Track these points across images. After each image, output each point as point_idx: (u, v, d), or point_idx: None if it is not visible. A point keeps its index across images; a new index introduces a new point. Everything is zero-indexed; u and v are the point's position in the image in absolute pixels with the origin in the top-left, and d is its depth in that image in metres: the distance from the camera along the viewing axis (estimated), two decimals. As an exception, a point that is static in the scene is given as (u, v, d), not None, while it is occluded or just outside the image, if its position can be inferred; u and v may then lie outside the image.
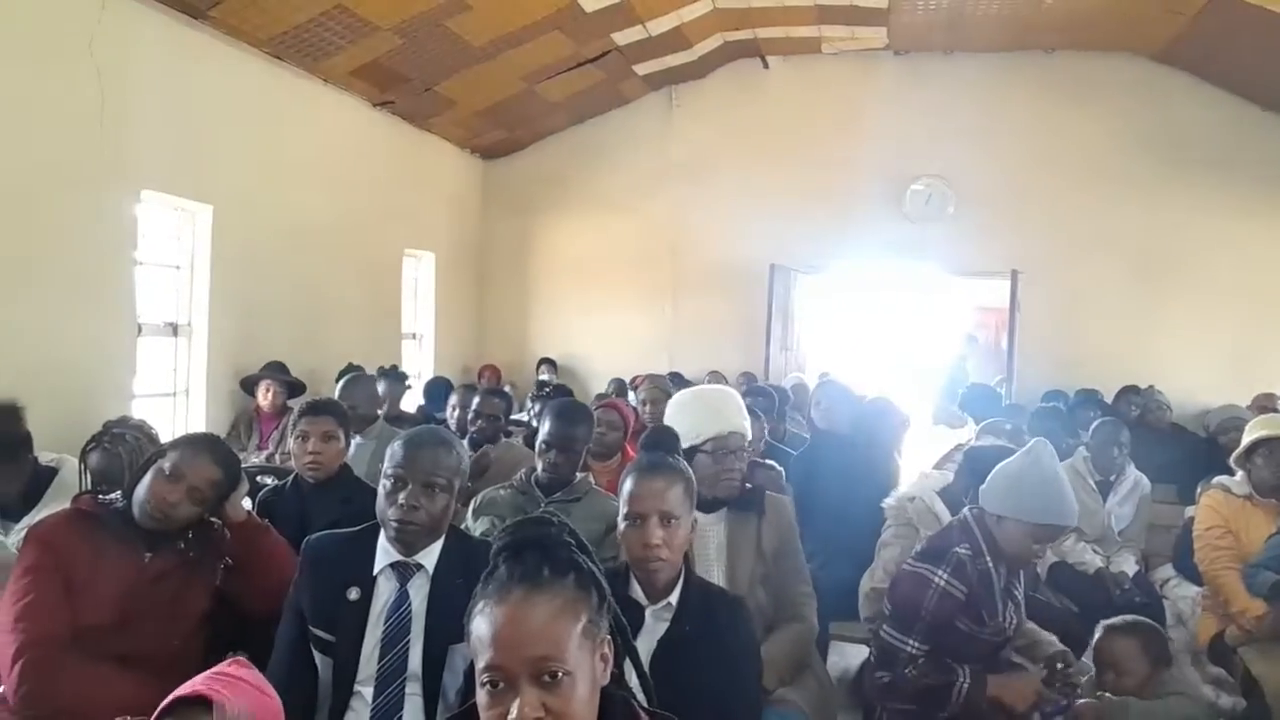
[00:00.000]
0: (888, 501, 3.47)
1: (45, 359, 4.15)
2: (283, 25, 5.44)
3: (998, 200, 7.96)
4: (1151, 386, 6.47)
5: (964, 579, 2.45)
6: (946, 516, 3.13)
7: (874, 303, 11.77)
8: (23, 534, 2.55)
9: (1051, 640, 2.75)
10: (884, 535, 3.42)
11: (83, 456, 3.00)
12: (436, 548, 2.04)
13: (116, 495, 2.34)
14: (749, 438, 2.77)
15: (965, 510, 2.66)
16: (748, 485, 2.76)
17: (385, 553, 2.02)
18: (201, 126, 5.20)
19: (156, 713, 1.46)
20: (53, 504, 2.83)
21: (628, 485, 2.06)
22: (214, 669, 1.53)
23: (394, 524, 1.98)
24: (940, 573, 2.46)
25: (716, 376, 7.29)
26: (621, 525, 2.04)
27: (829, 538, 3.63)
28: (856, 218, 8.24)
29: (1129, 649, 2.70)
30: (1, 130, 3.99)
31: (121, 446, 3.03)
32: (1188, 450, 5.77)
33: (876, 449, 4.10)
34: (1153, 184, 7.69)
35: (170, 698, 1.46)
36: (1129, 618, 2.85)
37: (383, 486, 2.03)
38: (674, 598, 2.01)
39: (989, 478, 2.58)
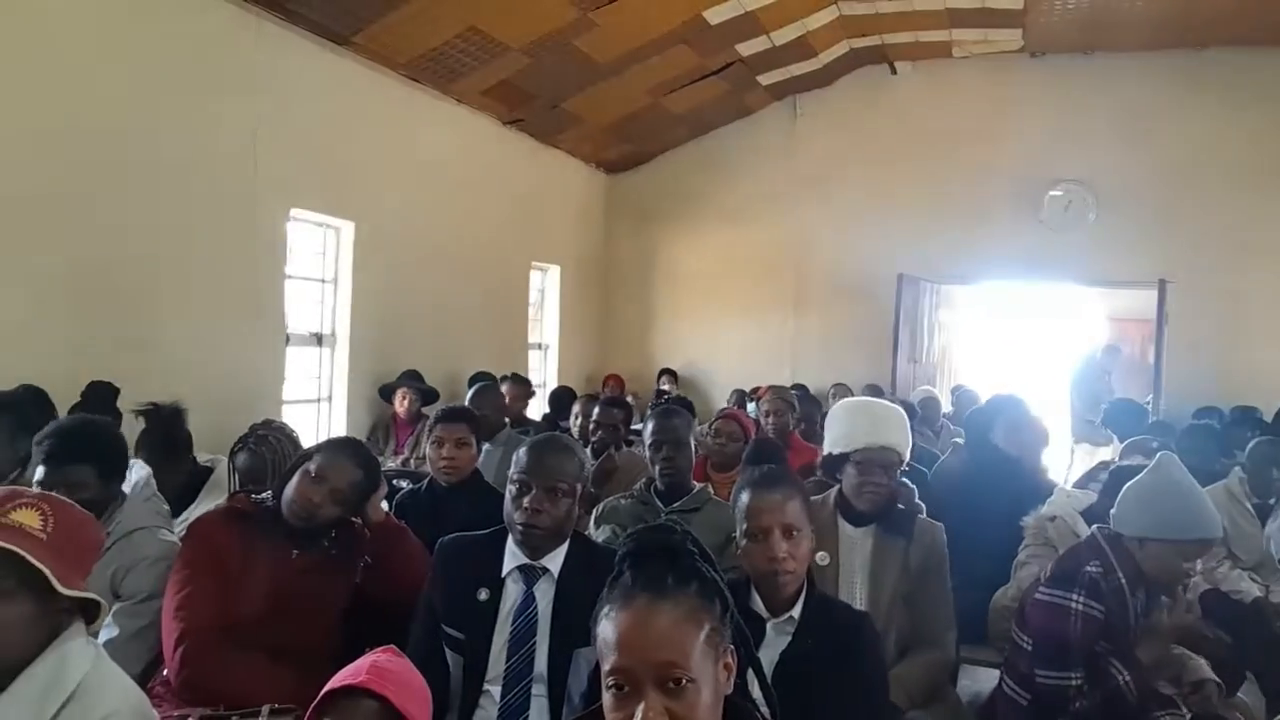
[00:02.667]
0: (1027, 520, 3.32)
1: (204, 366, 4.46)
2: (419, 49, 5.70)
3: (1143, 206, 7.54)
4: (1318, 404, 5.97)
5: (1100, 598, 2.32)
6: (1091, 539, 2.98)
7: (1010, 314, 11.29)
8: (182, 528, 2.76)
9: (1202, 665, 2.57)
10: (1021, 555, 3.27)
11: (230, 457, 3.20)
12: (561, 552, 2.09)
13: (267, 495, 2.47)
14: (904, 457, 2.70)
15: (1095, 528, 2.53)
16: (900, 506, 2.70)
17: (513, 555, 2.08)
18: (344, 147, 5.50)
19: (317, 700, 1.51)
20: (207, 501, 3.04)
21: (744, 499, 2.04)
22: (370, 659, 1.57)
23: (519, 527, 2.03)
24: (1075, 596, 2.33)
25: (841, 389, 7.16)
26: (742, 541, 2.02)
27: (964, 558, 3.49)
28: (990, 226, 7.96)
29: None
30: (165, 155, 4.34)
31: (265, 448, 3.20)
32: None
33: (1023, 467, 3.90)
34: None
35: (331, 685, 1.51)
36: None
37: (509, 491, 2.09)
38: (796, 611, 1.98)
39: (1118, 500, 2.45)
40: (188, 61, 4.45)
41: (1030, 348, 11.70)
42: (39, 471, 2.20)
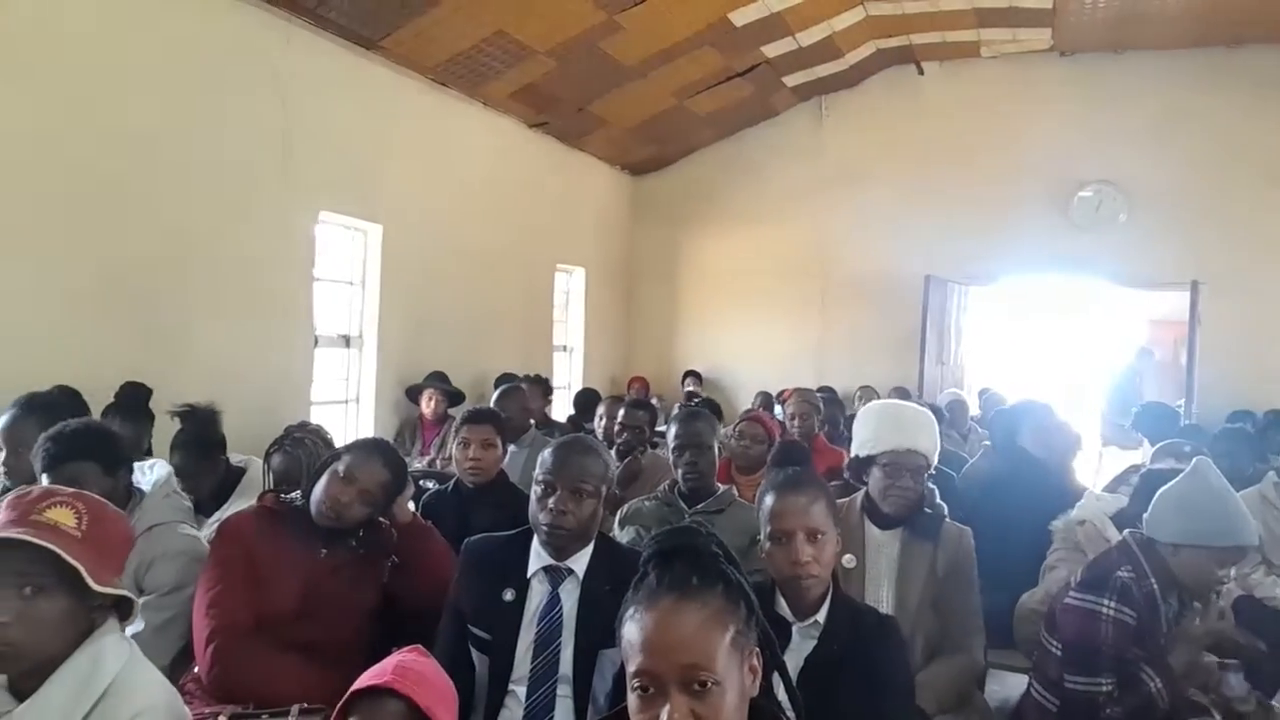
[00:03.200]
0: (1056, 524, 3.29)
1: (235, 368, 4.52)
2: (447, 53, 5.74)
3: (1175, 206, 7.43)
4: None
5: (1131, 603, 2.30)
6: (1119, 543, 2.95)
7: (1039, 316, 11.16)
8: (214, 528, 2.80)
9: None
10: (1049, 559, 3.24)
11: (266, 458, 3.24)
12: (586, 553, 2.10)
13: (297, 495, 2.50)
14: (932, 461, 2.68)
15: (1126, 533, 2.50)
16: (928, 510, 2.69)
17: (538, 556, 2.09)
18: (373, 150, 5.56)
19: (343, 700, 1.52)
20: (240, 501, 3.08)
21: (768, 502, 2.04)
22: (396, 659, 1.58)
23: (545, 528, 2.04)
24: (1106, 601, 2.31)
25: (868, 392, 7.12)
26: (766, 545, 2.02)
27: (993, 562, 3.46)
28: (1019, 227, 7.88)
29: None
30: (197, 159, 4.41)
31: (300, 449, 3.25)
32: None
33: (1051, 470, 3.86)
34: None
35: (357, 685, 1.52)
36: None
37: (534, 492, 2.10)
38: (821, 615, 1.97)
39: (1151, 505, 2.41)
40: (219, 66, 4.52)
41: (1060, 351, 11.57)
42: (43, 477, 2.23)
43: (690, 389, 8.17)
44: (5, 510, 1.51)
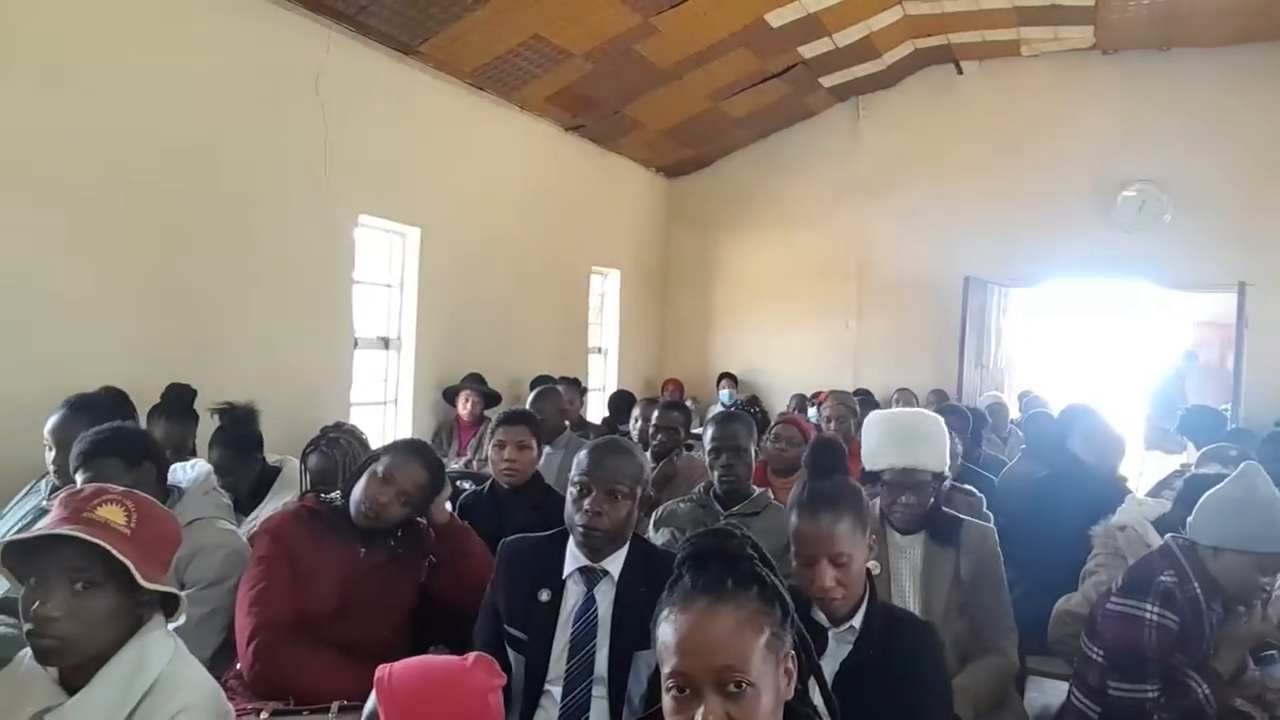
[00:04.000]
0: (1096, 529, 3.23)
1: (275, 369, 4.59)
2: (484, 57, 5.79)
3: (1222, 206, 7.27)
4: None
5: (1174, 608, 2.25)
6: (1163, 549, 2.89)
7: (1081, 318, 10.98)
8: (251, 526, 2.85)
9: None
10: (1089, 564, 3.19)
11: (303, 458, 3.29)
12: (621, 555, 2.10)
13: (336, 495, 2.53)
14: (937, 472, 2.62)
15: (1168, 537, 2.45)
16: (946, 510, 2.66)
17: (573, 557, 2.10)
18: (411, 154, 5.62)
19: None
20: (276, 499, 3.13)
21: (793, 522, 2.00)
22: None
23: (580, 528, 2.05)
24: (1149, 606, 2.27)
25: (906, 394, 7.06)
26: (794, 561, 1.99)
27: (1033, 567, 3.42)
28: (1060, 228, 7.76)
29: None
30: (241, 165, 4.49)
31: (336, 449, 3.28)
32: None
33: (1095, 475, 3.80)
34: None
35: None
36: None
37: (570, 493, 2.11)
38: (857, 621, 1.95)
39: (1196, 508, 2.37)
40: (264, 75, 4.60)
41: (1103, 353, 11.36)
42: (76, 477, 2.31)
43: (724, 392, 8.16)
44: (58, 508, 1.55)
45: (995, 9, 6.93)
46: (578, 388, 6.11)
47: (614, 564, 2.09)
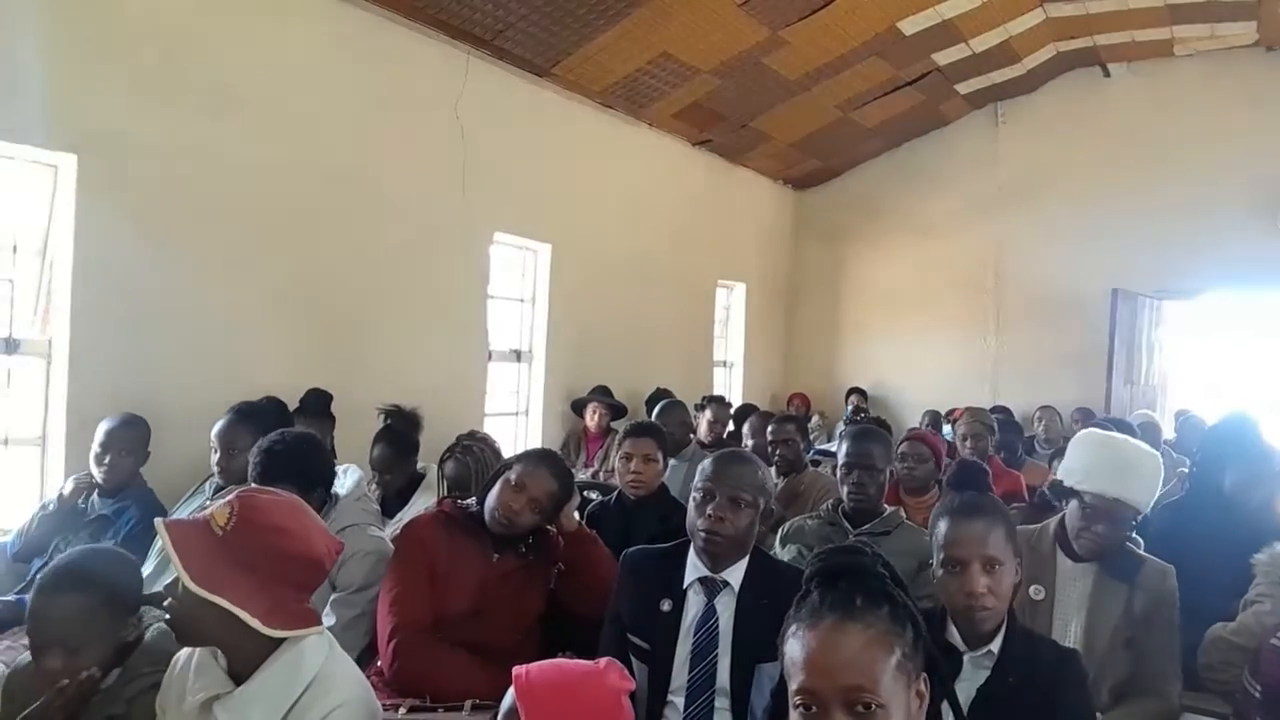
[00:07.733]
0: (1259, 557, 2.99)
1: (417, 380, 4.79)
2: (614, 76, 5.91)
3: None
4: None
5: None
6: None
7: (1242, 332, 10.17)
8: (395, 528, 2.98)
9: None
10: (1250, 593, 2.95)
11: (440, 465, 3.44)
12: (741, 566, 2.09)
13: (472, 501, 2.62)
14: (1143, 512, 2.44)
15: None
16: (1129, 544, 2.50)
17: (694, 568, 2.11)
18: (542, 173, 5.78)
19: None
20: (418, 504, 3.28)
21: (942, 528, 1.94)
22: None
23: (702, 534, 2.06)
24: None
25: (1049, 412, 6.71)
26: (939, 572, 1.93)
27: (1188, 595, 3.19)
28: (1218, 236, 7.24)
29: None
30: (386, 187, 4.74)
31: (469, 457, 3.43)
32: None
33: (1257, 505, 3.51)
34: None
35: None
36: None
37: (692, 499, 2.12)
38: (995, 645, 1.87)
39: None
40: (408, 100, 4.85)
41: (1267, 371, 10.48)
42: (252, 482, 2.44)
43: (855, 404, 7.98)
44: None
45: (1145, 8, 6.56)
46: (726, 408, 6.01)
47: (734, 575, 2.08)
